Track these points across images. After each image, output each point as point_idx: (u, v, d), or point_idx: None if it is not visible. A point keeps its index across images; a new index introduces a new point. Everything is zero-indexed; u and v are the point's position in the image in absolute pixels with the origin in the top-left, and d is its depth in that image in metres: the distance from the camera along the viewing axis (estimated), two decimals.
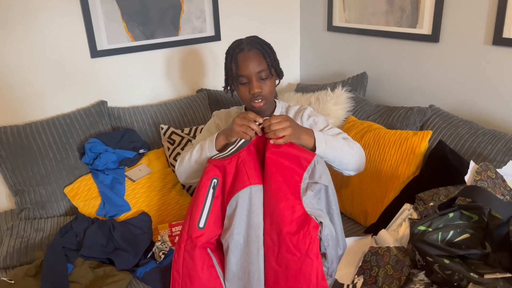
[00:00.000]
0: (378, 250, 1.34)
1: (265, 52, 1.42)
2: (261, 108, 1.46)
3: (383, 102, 2.18)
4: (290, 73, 2.66)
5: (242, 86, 1.44)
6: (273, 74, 1.45)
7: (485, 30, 1.68)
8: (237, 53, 1.42)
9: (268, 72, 1.42)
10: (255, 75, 1.40)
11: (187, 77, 2.31)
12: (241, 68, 1.40)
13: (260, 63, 1.40)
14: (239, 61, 1.41)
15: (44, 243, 1.59)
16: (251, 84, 1.41)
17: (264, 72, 1.41)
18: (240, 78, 1.42)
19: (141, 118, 2.04)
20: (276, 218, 1.19)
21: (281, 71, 1.51)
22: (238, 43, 1.45)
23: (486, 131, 1.59)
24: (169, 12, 2.14)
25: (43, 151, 1.79)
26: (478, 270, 1.05)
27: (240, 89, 1.45)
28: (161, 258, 1.53)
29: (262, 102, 1.44)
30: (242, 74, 1.40)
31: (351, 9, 2.24)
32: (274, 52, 1.47)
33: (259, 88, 1.41)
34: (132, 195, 1.74)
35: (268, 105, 1.49)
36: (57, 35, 1.90)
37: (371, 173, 1.70)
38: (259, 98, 1.43)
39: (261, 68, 1.40)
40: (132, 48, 2.09)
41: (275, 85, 1.49)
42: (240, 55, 1.41)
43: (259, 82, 1.41)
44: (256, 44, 1.43)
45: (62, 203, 1.79)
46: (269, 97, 1.46)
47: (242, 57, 1.40)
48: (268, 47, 1.45)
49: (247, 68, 1.39)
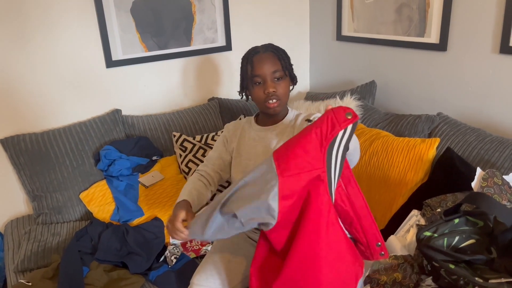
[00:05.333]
0: (386, 258, 1.36)
1: (280, 54, 1.46)
2: (275, 110, 1.48)
3: (392, 110, 2.20)
4: (300, 81, 2.68)
5: (257, 86, 1.46)
6: (287, 75, 1.47)
7: (492, 38, 1.70)
8: (253, 56, 1.46)
9: (282, 73, 1.44)
10: (269, 75, 1.42)
11: (198, 86, 2.36)
12: (256, 68, 1.43)
13: (274, 63, 1.43)
14: (254, 62, 1.44)
15: (60, 247, 1.64)
16: (265, 84, 1.43)
17: (278, 72, 1.43)
18: (255, 79, 1.45)
19: (154, 126, 2.09)
20: None
21: (295, 76, 1.53)
22: (254, 48, 1.49)
23: (493, 138, 1.61)
24: (181, 23, 2.20)
25: (60, 158, 1.85)
26: (484, 275, 1.06)
27: (255, 90, 1.48)
28: (173, 262, 1.57)
29: (276, 103, 1.46)
30: (257, 74, 1.43)
31: (359, 19, 2.27)
32: (289, 57, 1.50)
33: (273, 88, 1.43)
34: (145, 201, 1.79)
35: (282, 108, 1.50)
36: (74, 46, 1.97)
37: (380, 180, 1.72)
38: (273, 98, 1.45)
39: (275, 68, 1.43)
40: (145, 58, 2.15)
41: (289, 88, 1.51)
42: (256, 57, 1.45)
43: (273, 82, 1.44)
44: (271, 48, 1.48)
45: (77, 208, 1.84)
46: (283, 98, 1.47)
47: (257, 59, 1.44)
48: (283, 52, 1.49)
49: (262, 68, 1.42)
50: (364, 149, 1.81)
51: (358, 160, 1.39)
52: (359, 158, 1.42)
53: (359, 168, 1.80)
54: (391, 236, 1.48)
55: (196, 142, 2.00)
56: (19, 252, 1.62)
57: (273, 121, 1.54)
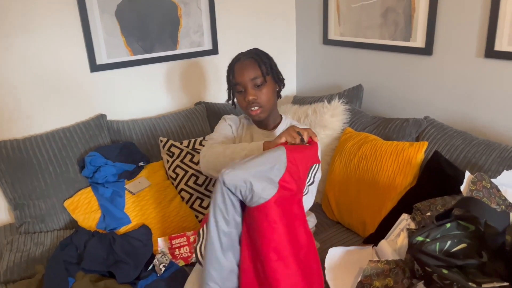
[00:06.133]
0: (377, 264, 1.36)
1: (260, 60, 1.45)
2: (259, 117, 1.47)
3: (379, 113, 2.22)
4: (287, 85, 2.67)
5: (239, 94, 1.48)
6: (268, 81, 1.46)
7: (477, 43, 1.73)
8: (234, 63, 1.48)
9: (262, 79, 1.44)
10: (249, 82, 1.43)
11: (185, 90, 2.33)
12: (236, 76, 1.45)
13: (254, 70, 1.44)
14: (235, 70, 1.46)
15: (44, 257, 1.59)
16: (246, 91, 1.44)
17: (258, 79, 1.43)
18: (236, 87, 1.47)
19: (140, 131, 2.05)
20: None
21: (280, 79, 1.53)
22: (238, 55, 1.50)
23: (480, 141, 1.63)
24: (167, 27, 2.17)
25: (42, 165, 1.80)
26: (476, 279, 1.07)
27: (237, 98, 1.49)
28: (161, 270, 1.54)
29: (258, 110, 1.45)
30: (237, 82, 1.45)
31: (346, 23, 2.28)
32: (272, 60, 1.50)
33: (253, 95, 1.43)
34: (132, 208, 1.75)
35: (267, 114, 1.49)
36: (57, 50, 1.92)
37: (369, 184, 1.72)
38: (255, 106, 1.45)
39: (255, 75, 1.43)
40: (131, 62, 2.12)
41: (273, 94, 1.50)
42: (236, 65, 1.46)
43: (254, 90, 1.44)
44: (253, 54, 1.48)
45: (62, 216, 1.79)
46: (266, 105, 1.47)
47: (238, 66, 1.46)
48: (266, 56, 1.49)
49: (242, 76, 1.43)
50: (353, 153, 1.82)
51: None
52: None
53: (348, 172, 1.80)
54: (382, 241, 1.48)
55: (183, 148, 1.97)
56: (1, 263, 1.57)
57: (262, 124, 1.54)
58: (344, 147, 1.88)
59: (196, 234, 1.53)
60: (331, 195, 1.86)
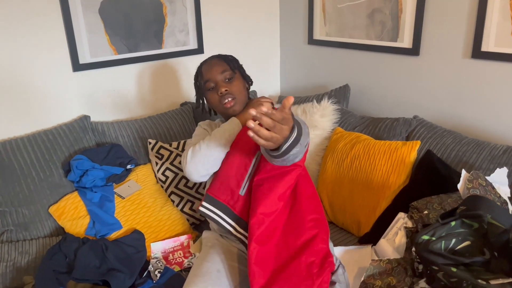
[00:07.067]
0: (380, 263, 1.36)
1: (226, 57, 1.54)
2: (234, 110, 1.49)
3: (366, 113, 2.24)
4: (271, 85, 2.68)
5: (211, 92, 1.51)
6: (237, 74, 1.53)
7: (464, 44, 1.77)
8: (201, 66, 1.55)
9: (231, 72, 1.51)
10: (219, 75, 1.49)
11: (170, 90, 2.28)
12: (205, 74, 1.51)
13: (222, 65, 1.50)
14: (202, 71, 1.53)
15: (31, 267, 1.51)
16: (217, 85, 1.49)
17: (227, 72, 1.49)
18: (206, 84, 1.51)
19: (126, 133, 1.99)
20: None
21: (247, 76, 1.60)
22: (204, 60, 1.60)
23: (470, 140, 1.67)
24: (152, 26, 2.11)
25: (25, 170, 1.71)
26: (481, 276, 1.09)
27: (209, 96, 1.52)
28: (157, 277, 1.49)
29: (232, 101, 1.48)
30: (207, 78, 1.50)
31: (331, 23, 2.29)
32: (237, 61, 1.58)
33: (225, 87, 1.48)
34: (122, 213, 1.69)
35: (241, 106, 1.51)
36: (38, 48, 1.83)
37: (363, 183, 1.73)
38: (228, 97, 1.48)
39: (223, 69, 1.49)
40: (115, 62, 2.04)
41: (244, 87, 1.56)
42: (203, 66, 1.54)
43: (224, 82, 1.49)
44: (217, 55, 1.57)
45: (47, 223, 1.71)
46: (239, 96, 1.50)
47: (205, 67, 1.53)
48: (231, 56, 1.57)
49: (211, 72, 1.49)
50: (345, 152, 1.82)
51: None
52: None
53: (341, 172, 1.81)
54: (382, 240, 1.49)
55: (173, 149, 1.92)
56: None
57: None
58: (335, 147, 1.88)
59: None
60: (324, 195, 1.86)
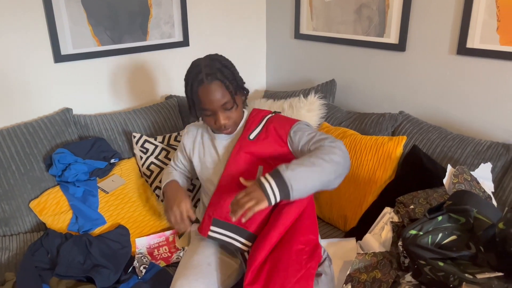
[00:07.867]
0: (365, 256, 1.37)
1: (227, 80, 1.33)
2: (229, 132, 1.45)
3: (352, 108, 2.24)
4: (257, 79, 2.66)
5: (208, 117, 1.39)
6: (237, 102, 1.38)
7: (450, 40, 1.78)
8: (197, 86, 1.33)
9: (232, 102, 1.35)
10: (219, 108, 1.34)
11: (155, 83, 2.24)
12: (203, 102, 1.33)
13: (223, 95, 1.33)
14: (200, 95, 1.33)
15: (12, 263, 1.47)
16: (216, 116, 1.36)
17: (228, 103, 1.34)
18: (204, 112, 1.37)
19: (110, 126, 1.94)
20: None
21: (245, 89, 1.44)
22: (197, 71, 1.33)
23: (455, 135, 1.69)
24: (137, 17, 2.07)
25: (4, 163, 1.66)
26: (467, 270, 1.10)
27: (206, 120, 1.40)
28: (142, 272, 1.47)
29: (229, 129, 1.42)
30: (205, 108, 1.34)
31: (319, 17, 2.28)
32: (236, 73, 1.39)
33: (225, 119, 1.37)
34: (106, 208, 1.66)
35: (237, 126, 1.47)
36: (18, 38, 1.77)
37: (349, 178, 1.74)
38: (227, 127, 1.41)
39: (225, 100, 1.33)
40: (98, 53, 1.99)
41: (241, 107, 1.44)
42: (201, 89, 1.32)
43: (224, 113, 1.36)
44: (216, 72, 1.32)
45: (27, 218, 1.66)
46: (238, 121, 1.44)
47: (203, 92, 1.32)
48: (229, 70, 1.36)
49: (211, 103, 1.32)
50: None
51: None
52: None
53: None
54: (367, 235, 1.50)
55: (158, 143, 1.89)
56: None
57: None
58: None
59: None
60: None
